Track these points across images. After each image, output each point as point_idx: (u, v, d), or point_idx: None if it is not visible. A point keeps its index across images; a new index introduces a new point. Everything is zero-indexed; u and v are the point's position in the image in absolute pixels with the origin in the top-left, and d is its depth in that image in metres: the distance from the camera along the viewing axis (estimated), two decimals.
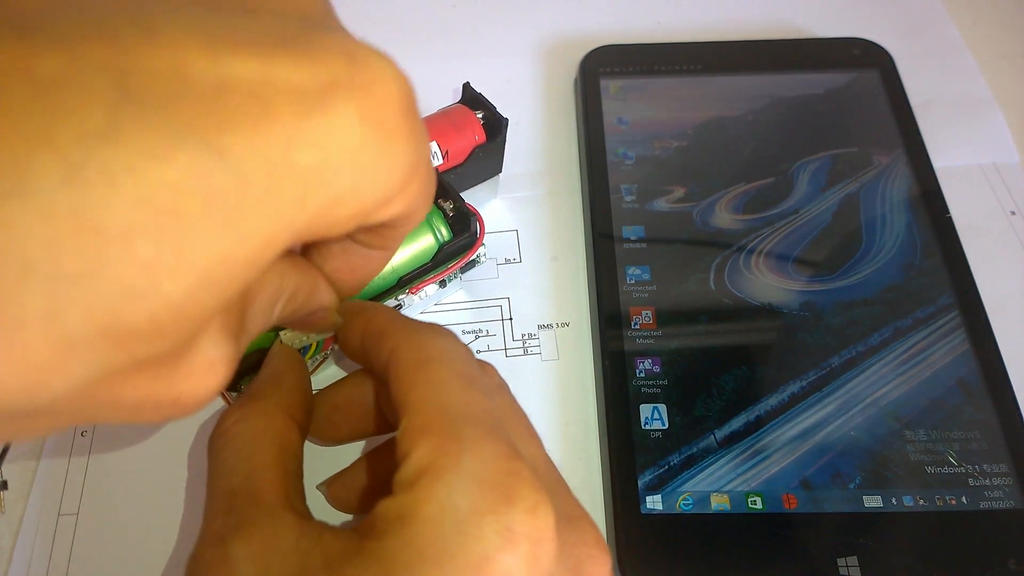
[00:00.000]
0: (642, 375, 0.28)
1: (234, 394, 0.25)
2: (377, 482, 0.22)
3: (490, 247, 0.32)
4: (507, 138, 0.30)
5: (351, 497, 0.22)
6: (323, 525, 0.17)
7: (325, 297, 0.20)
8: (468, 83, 0.30)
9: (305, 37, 0.14)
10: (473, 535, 0.15)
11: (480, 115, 0.29)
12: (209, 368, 0.15)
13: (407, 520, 0.16)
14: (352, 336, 0.21)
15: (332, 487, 0.23)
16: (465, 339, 0.30)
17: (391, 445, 0.21)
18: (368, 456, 0.23)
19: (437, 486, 0.16)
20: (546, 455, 0.20)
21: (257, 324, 0.18)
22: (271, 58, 0.13)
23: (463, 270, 0.28)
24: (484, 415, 0.17)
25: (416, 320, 0.20)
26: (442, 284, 0.28)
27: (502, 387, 0.21)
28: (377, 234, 0.19)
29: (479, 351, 0.29)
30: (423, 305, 0.29)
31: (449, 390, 0.17)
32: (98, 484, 0.26)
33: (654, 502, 0.25)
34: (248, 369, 0.25)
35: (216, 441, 0.19)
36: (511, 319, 0.30)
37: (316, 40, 0.14)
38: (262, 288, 0.17)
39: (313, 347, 0.25)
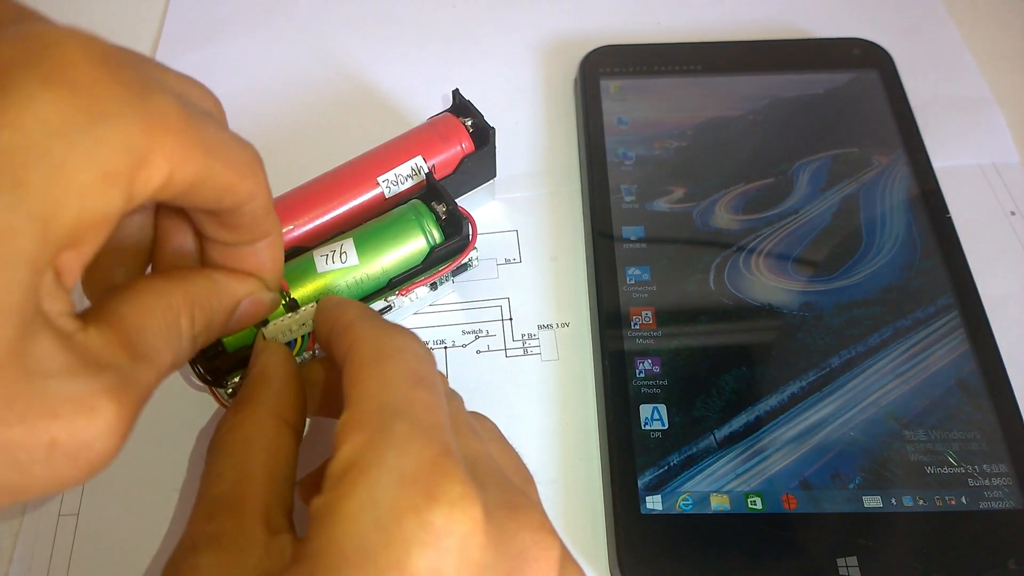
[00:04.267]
0: (642, 375, 0.28)
1: (222, 391, 0.25)
2: None
3: (490, 247, 0.32)
4: (507, 138, 0.30)
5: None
6: (291, 540, 0.17)
7: (236, 289, 0.20)
8: (457, 90, 0.30)
9: None
10: (394, 533, 0.15)
11: (468, 123, 0.29)
12: (80, 406, 0.14)
13: (331, 518, 0.15)
14: (323, 330, 0.21)
15: (301, 488, 0.22)
16: (465, 339, 0.30)
17: None
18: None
19: (360, 482, 0.15)
20: (500, 452, 0.20)
21: (163, 349, 0.17)
22: None
23: (455, 273, 0.28)
24: (424, 412, 0.17)
25: (382, 320, 0.20)
26: (433, 287, 0.28)
27: (451, 394, 0.20)
28: (215, 224, 0.18)
29: (479, 351, 0.29)
30: (414, 307, 0.29)
31: (393, 387, 0.17)
32: (98, 485, 0.26)
33: (654, 502, 0.25)
34: (235, 365, 0.25)
35: (210, 448, 0.19)
36: (511, 319, 0.30)
37: None
38: (145, 314, 0.17)
39: (299, 341, 0.25)
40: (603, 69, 0.35)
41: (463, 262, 0.27)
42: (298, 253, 0.26)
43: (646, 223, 0.31)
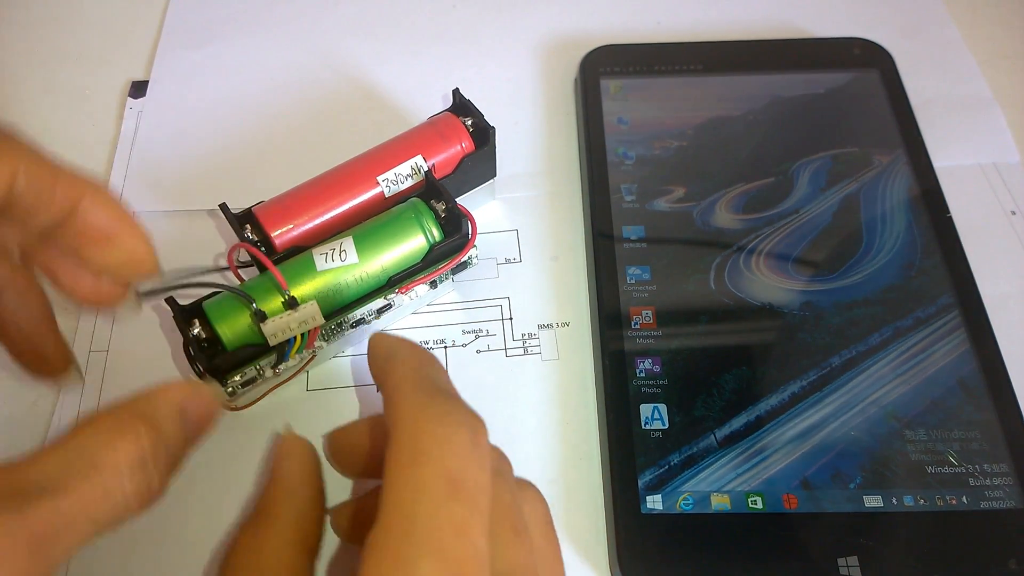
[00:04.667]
0: (642, 375, 0.27)
1: (220, 386, 0.25)
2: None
3: (490, 247, 0.32)
4: (507, 138, 0.30)
5: (348, 526, 0.22)
6: None
7: (166, 395, 0.19)
8: (457, 89, 0.30)
9: None
10: None
11: (469, 122, 0.29)
12: None
13: None
14: (374, 376, 0.20)
15: (335, 516, 0.21)
16: (465, 339, 0.29)
17: None
18: (372, 492, 0.22)
19: None
20: (541, 548, 0.19)
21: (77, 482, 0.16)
22: None
23: (454, 271, 0.28)
24: (455, 541, 0.15)
25: (431, 389, 0.18)
26: (433, 285, 0.28)
27: (497, 472, 0.18)
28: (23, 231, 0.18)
29: (479, 351, 0.29)
30: (414, 305, 0.29)
31: (426, 499, 0.16)
32: None
33: (654, 502, 0.25)
34: (235, 364, 0.25)
35: (225, 570, 0.18)
36: (511, 319, 0.30)
37: None
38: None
39: (298, 340, 0.25)
40: (603, 69, 0.35)
41: (463, 260, 0.27)
42: (298, 252, 0.26)
43: (646, 223, 0.31)
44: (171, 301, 0.24)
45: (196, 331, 0.24)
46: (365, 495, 0.22)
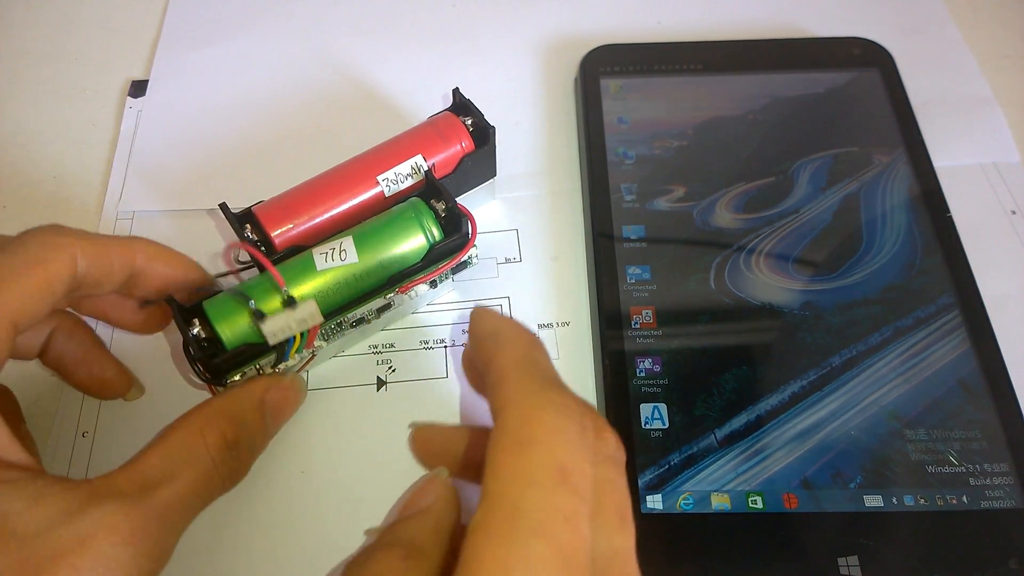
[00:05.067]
0: (642, 374, 0.27)
1: (221, 389, 0.25)
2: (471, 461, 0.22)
3: (490, 246, 0.32)
4: (507, 138, 0.30)
5: (432, 455, 0.23)
6: None
7: (252, 388, 0.24)
8: (457, 88, 0.30)
9: None
10: None
11: (469, 122, 0.29)
12: (74, 547, 0.18)
13: None
14: (479, 356, 0.20)
15: (419, 433, 0.23)
16: (465, 339, 0.29)
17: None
18: (472, 431, 0.22)
19: None
20: (630, 548, 0.19)
21: (182, 468, 0.21)
22: None
23: (454, 271, 0.28)
24: (563, 528, 0.16)
25: (541, 375, 0.18)
26: (432, 284, 0.28)
27: (611, 460, 0.19)
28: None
29: None
30: (414, 305, 0.29)
31: (533, 486, 0.16)
32: None
33: (654, 501, 0.25)
34: (235, 364, 0.25)
35: None
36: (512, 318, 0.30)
37: None
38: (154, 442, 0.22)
39: (297, 340, 0.25)
40: (603, 68, 0.35)
41: (463, 259, 0.27)
42: (298, 251, 0.26)
43: (646, 222, 0.31)
44: (171, 301, 0.24)
45: (196, 331, 0.24)
46: (451, 428, 0.24)
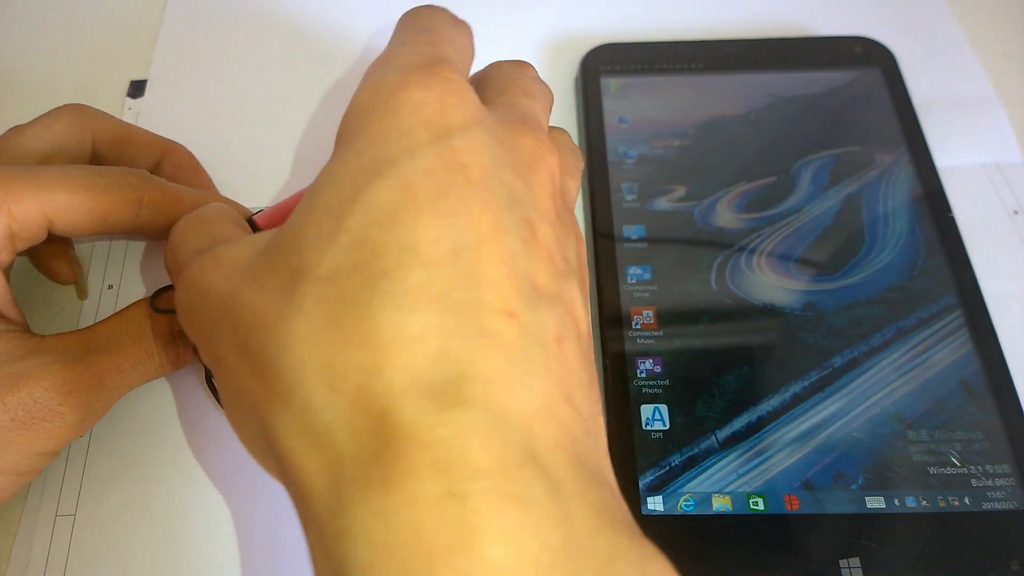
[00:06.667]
0: (643, 375, 0.27)
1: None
2: None
3: None
4: None
5: None
6: None
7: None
8: None
9: None
10: (398, 90, 0.18)
11: None
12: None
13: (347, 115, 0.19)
14: None
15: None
16: None
17: None
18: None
19: (366, 79, 0.19)
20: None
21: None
22: None
23: None
24: (424, 47, 0.20)
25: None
26: None
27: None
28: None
29: None
30: None
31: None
32: (96, 485, 0.26)
33: (655, 503, 0.25)
34: None
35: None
36: None
37: None
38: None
39: None
40: (604, 67, 0.35)
41: None
42: None
43: (647, 222, 0.31)
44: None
45: None
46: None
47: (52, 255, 0.28)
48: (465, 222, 0.16)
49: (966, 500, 0.25)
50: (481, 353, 0.15)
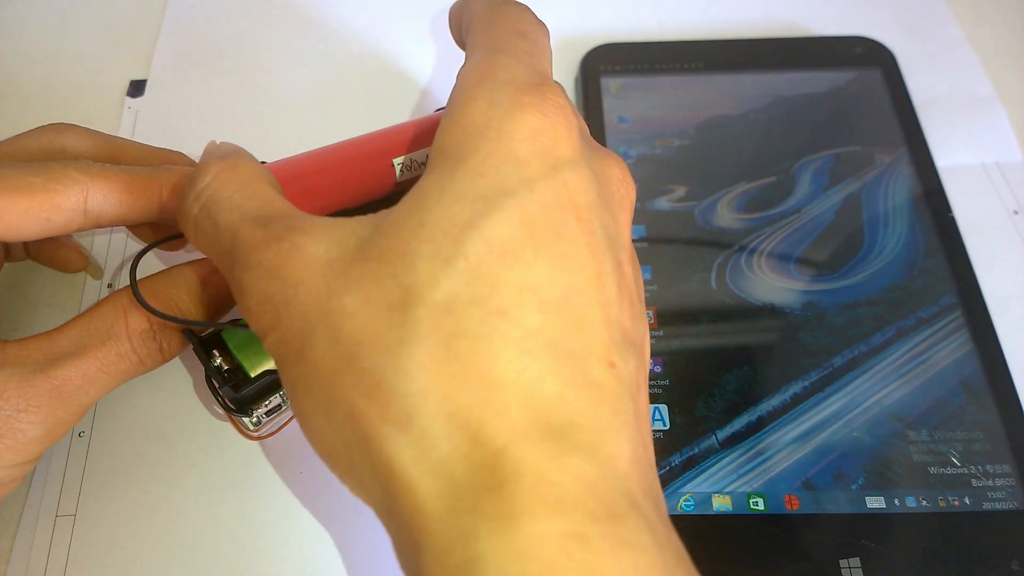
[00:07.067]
0: None
1: (246, 420, 0.24)
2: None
3: None
4: None
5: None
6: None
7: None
8: None
9: None
10: (512, 111, 0.18)
11: None
12: None
13: (448, 120, 0.18)
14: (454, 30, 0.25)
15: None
16: None
17: None
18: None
19: (477, 90, 0.18)
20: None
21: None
22: None
23: None
24: (525, 54, 0.20)
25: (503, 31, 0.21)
26: None
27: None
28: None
29: None
30: None
31: (500, 36, 0.21)
32: (96, 485, 0.26)
33: None
34: (260, 393, 0.24)
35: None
36: None
37: None
38: None
39: None
40: (604, 67, 0.35)
41: None
42: None
43: (647, 222, 0.31)
44: (189, 333, 0.24)
45: (218, 362, 0.24)
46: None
47: (55, 248, 0.27)
48: (576, 265, 0.17)
49: (966, 500, 0.25)
50: (589, 403, 0.16)
